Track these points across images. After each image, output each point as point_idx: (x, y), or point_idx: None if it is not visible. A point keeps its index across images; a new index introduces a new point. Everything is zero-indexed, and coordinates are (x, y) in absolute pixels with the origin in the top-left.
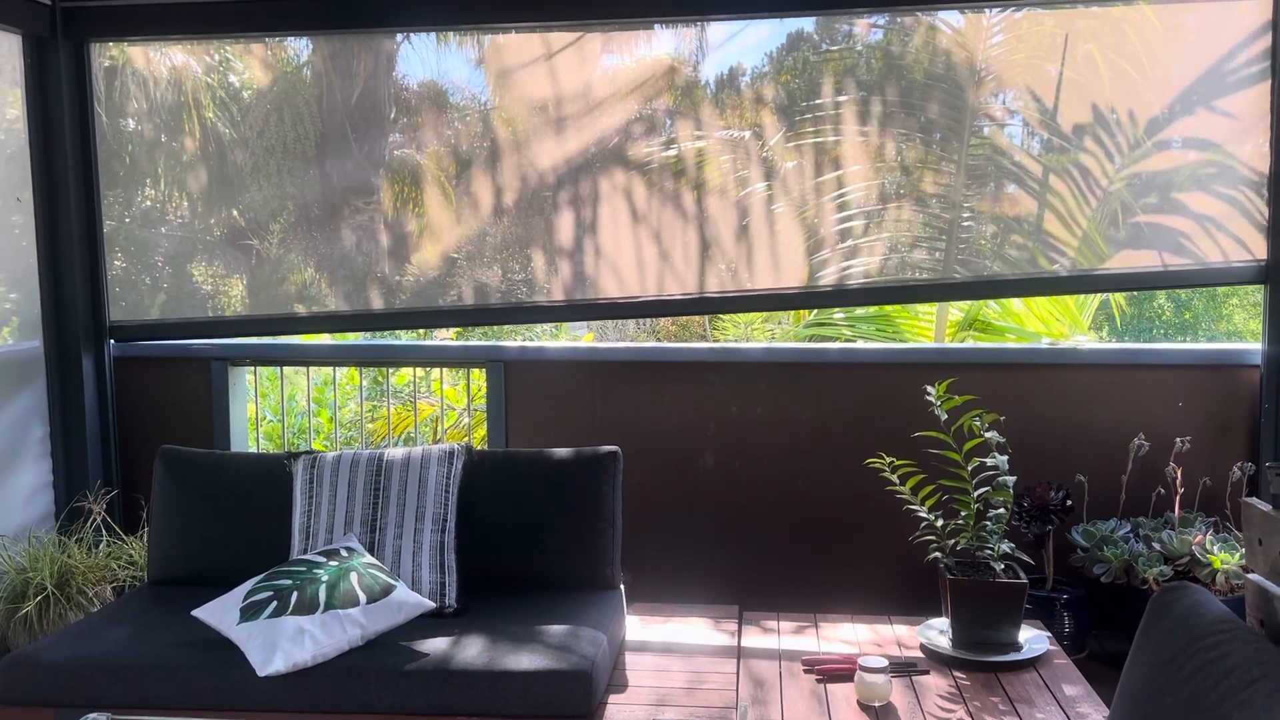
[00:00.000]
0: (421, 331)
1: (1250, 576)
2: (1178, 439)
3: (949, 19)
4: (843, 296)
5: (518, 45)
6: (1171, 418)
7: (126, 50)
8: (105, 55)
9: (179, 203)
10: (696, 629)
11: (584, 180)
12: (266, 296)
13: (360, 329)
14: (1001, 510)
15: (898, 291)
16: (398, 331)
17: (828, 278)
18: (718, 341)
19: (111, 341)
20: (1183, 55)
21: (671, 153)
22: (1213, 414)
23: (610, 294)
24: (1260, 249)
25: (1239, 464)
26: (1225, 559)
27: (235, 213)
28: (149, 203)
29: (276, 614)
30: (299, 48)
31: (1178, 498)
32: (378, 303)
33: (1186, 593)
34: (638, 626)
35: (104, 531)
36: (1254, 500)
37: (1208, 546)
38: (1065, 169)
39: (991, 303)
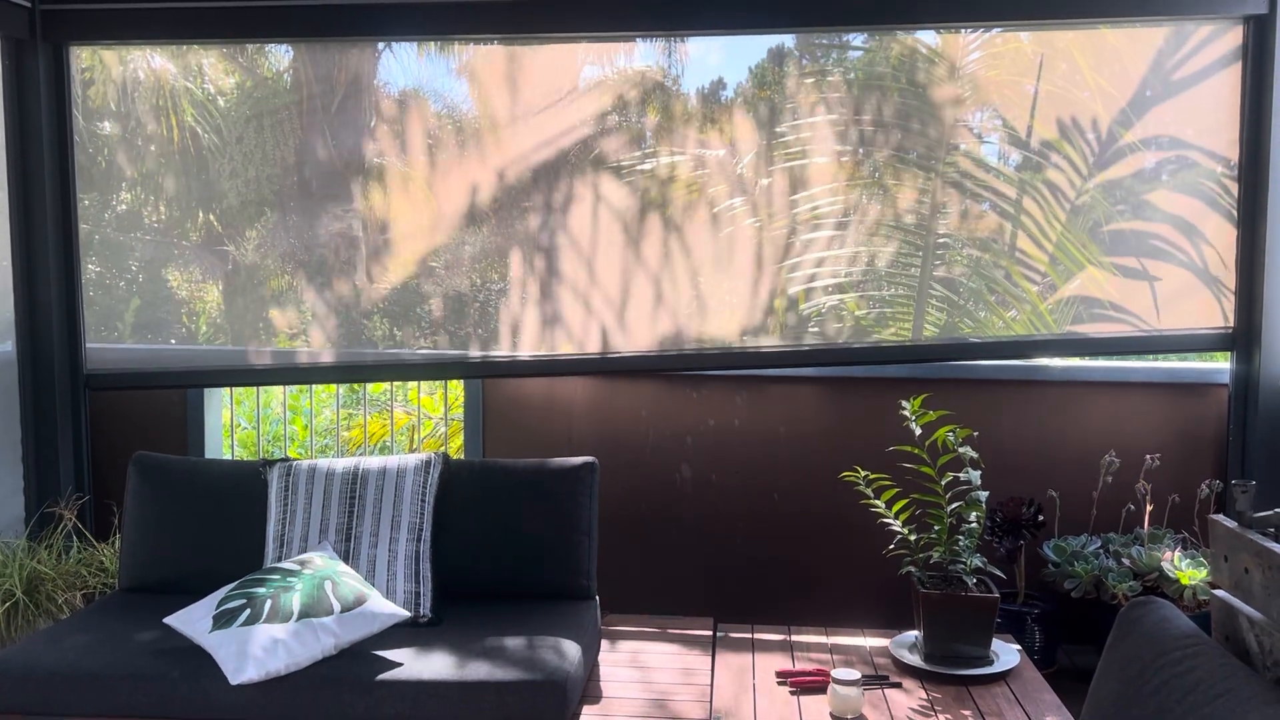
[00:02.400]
0: (399, 336)
1: (1216, 593)
2: (1148, 456)
3: (926, 38)
4: (826, 355)
5: (498, 55)
6: (1142, 435)
7: (102, 53)
8: (80, 57)
9: (155, 207)
10: (671, 640)
11: (561, 191)
12: (242, 303)
13: (337, 381)
14: (974, 524)
15: (876, 351)
16: (375, 336)
17: (802, 290)
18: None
19: (87, 345)
20: (1154, 73)
21: (648, 166)
22: (1182, 431)
23: (577, 318)
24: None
25: (1207, 481)
26: (1193, 575)
27: (212, 218)
28: (124, 206)
29: (250, 622)
30: (279, 54)
31: (1147, 514)
32: (355, 310)
33: (1153, 608)
34: (612, 637)
35: (75, 538)
36: (1220, 517)
37: (1176, 563)
38: (1036, 185)
39: (968, 319)
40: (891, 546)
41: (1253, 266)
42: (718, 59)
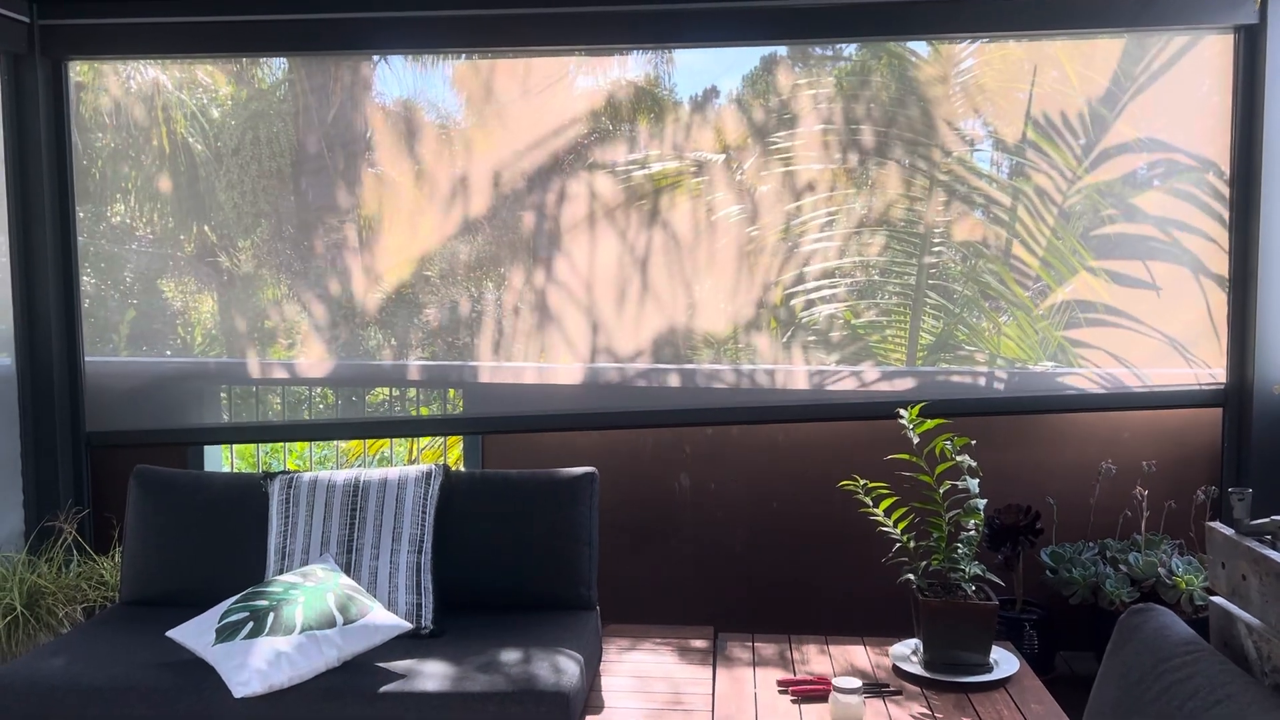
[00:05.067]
0: (395, 345)
1: (1214, 599)
2: (1144, 462)
3: (918, 48)
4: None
5: (492, 64)
6: (1138, 442)
7: (98, 65)
8: (76, 69)
9: (150, 219)
10: (672, 650)
11: (556, 199)
12: (237, 314)
13: (342, 438)
14: (973, 532)
15: (873, 407)
16: (371, 346)
17: (799, 301)
18: (691, 361)
19: (85, 359)
20: (1150, 81)
21: (643, 173)
22: (1177, 438)
23: (574, 329)
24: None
25: (1203, 487)
26: (1190, 581)
27: (207, 229)
28: (118, 218)
29: (253, 635)
30: (274, 66)
31: (1144, 520)
32: (351, 320)
33: (1153, 615)
34: (613, 648)
35: (75, 551)
36: (1217, 525)
37: (1173, 569)
38: (1026, 191)
39: (962, 326)
40: (890, 554)
41: (1245, 318)
42: (711, 66)
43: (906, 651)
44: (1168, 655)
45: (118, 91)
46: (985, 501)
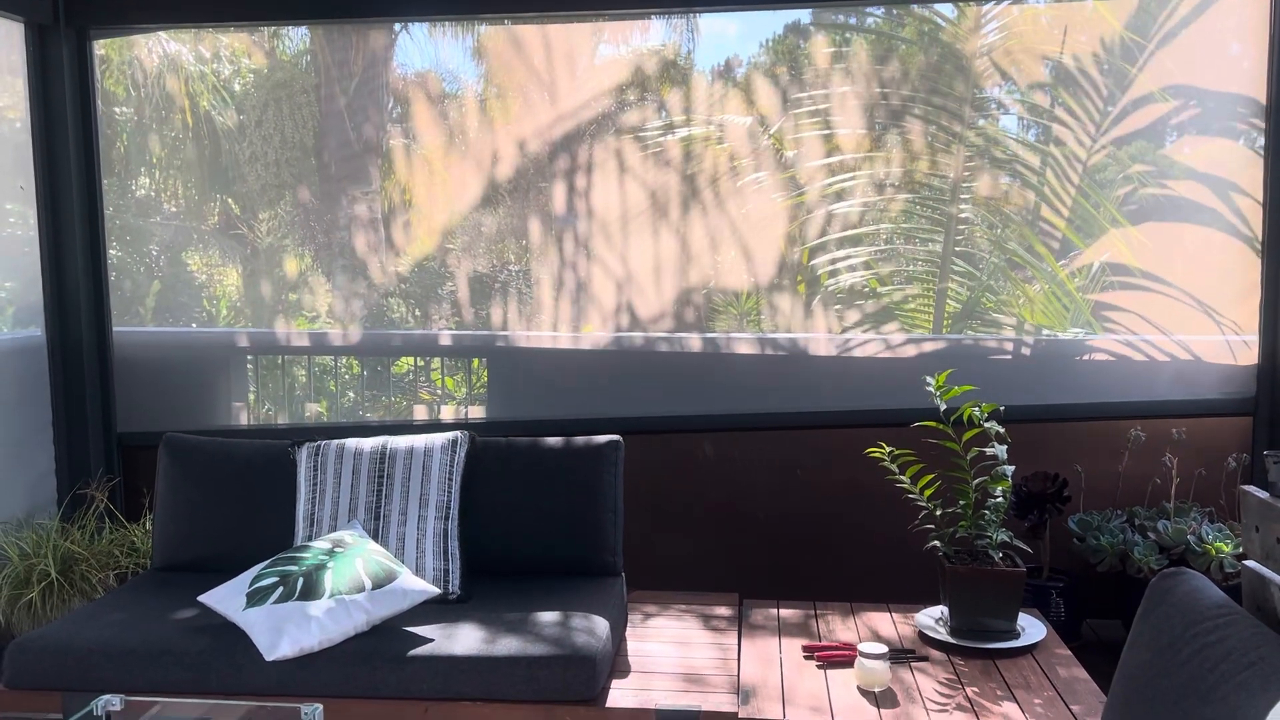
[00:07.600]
0: (418, 316)
1: (1247, 563)
2: (1173, 429)
3: (944, 11)
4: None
5: (514, 35)
6: (1167, 408)
7: (120, 37)
8: (99, 42)
9: (175, 191)
10: (697, 616)
11: (578, 168)
12: (263, 285)
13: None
14: (1000, 499)
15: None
16: (395, 316)
17: (822, 269)
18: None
19: (114, 329)
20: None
21: (666, 139)
22: (1208, 404)
23: (598, 297)
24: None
25: (1233, 454)
26: (1221, 548)
27: (231, 201)
28: (143, 191)
29: (283, 599)
30: (297, 37)
31: (1174, 487)
32: (376, 290)
33: (1184, 578)
34: (639, 614)
35: (106, 519)
36: (1251, 488)
37: (1203, 536)
38: (1053, 152)
39: (989, 294)
40: (917, 522)
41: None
42: (734, 32)
43: (933, 618)
44: (1200, 618)
45: (141, 64)
46: (1013, 468)
